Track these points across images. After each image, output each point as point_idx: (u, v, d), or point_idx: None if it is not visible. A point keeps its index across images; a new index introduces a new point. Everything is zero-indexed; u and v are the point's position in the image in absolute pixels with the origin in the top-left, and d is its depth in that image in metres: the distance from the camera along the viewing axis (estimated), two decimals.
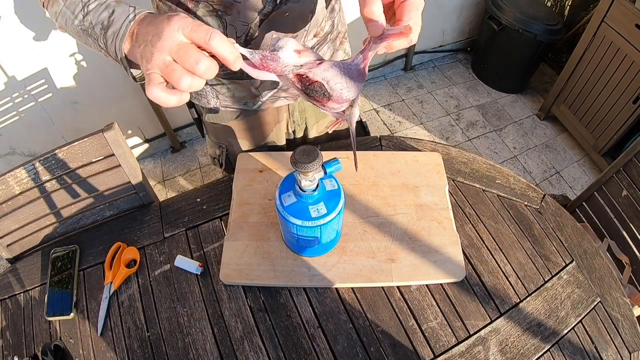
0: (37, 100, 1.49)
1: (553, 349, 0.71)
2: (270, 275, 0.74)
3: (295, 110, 0.89)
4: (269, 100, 0.81)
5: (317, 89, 0.48)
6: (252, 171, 0.88)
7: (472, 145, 2.09)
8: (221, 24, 0.64)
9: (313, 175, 0.60)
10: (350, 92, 0.48)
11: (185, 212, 0.86)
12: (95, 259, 0.81)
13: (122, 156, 0.80)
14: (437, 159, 0.91)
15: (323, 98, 0.49)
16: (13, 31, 1.27)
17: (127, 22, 0.48)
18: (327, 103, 0.49)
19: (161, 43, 0.41)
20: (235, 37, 0.66)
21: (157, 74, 0.42)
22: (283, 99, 0.82)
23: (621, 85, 1.69)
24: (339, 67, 0.48)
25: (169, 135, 1.92)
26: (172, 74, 0.41)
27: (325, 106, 0.50)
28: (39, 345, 0.72)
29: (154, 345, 0.71)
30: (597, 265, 0.82)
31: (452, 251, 0.78)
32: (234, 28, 0.64)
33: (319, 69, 0.47)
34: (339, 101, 0.49)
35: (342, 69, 0.48)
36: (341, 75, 0.48)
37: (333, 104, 0.49)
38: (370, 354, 0.69)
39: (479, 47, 2.36)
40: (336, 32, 0.80)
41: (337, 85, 0.48)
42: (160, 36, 0.42)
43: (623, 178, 1.03)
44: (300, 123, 0.93)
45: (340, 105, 0.49)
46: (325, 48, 0.79)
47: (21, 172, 0.75)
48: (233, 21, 0.63)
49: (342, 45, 0.85)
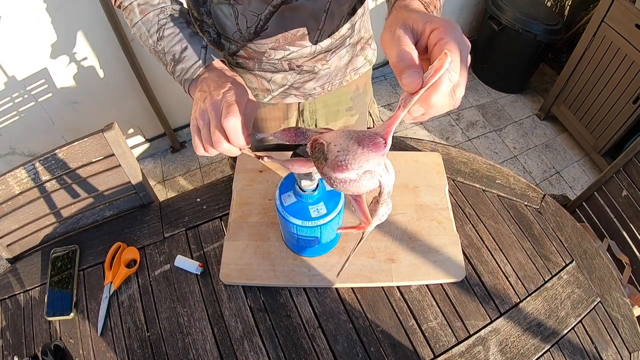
0: (37, 100, 1.49)
1: (553, 349, 0.71)
2: (270, 275, 0.74)
3: (306, 110, 0.88)
4: (279, 95, 0.81)
5: (317, 149, 0.41)
6: (252, 171, 0.88)
7: (472, 145, 2.09)
8: (233, 13, 0.64)
9: (313, 175, 0.60)
10: (348, 158, 0.37)
11: (185, 212, 0.86)
12: (95, 259, 0.81)
13: (122, 156, 0.80)
14: (437, 159, 0.91)
15: (319, 162, 0.41)
16: (13, 31, 1.27)
17: (198, 67, 0.56)
18: (323, 168, 0.40)
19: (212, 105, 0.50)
20: (246, 26, 0.66)
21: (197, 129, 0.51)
22: (293, 96, 0.82)
23: (621, 85, 1.69)
24: (351, 132, 0.40)
25: (169, 135, 1.92)
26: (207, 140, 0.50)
27: (322, 172, 0.41)
28: (39, 345, 0.72)
29: (154, 345, 0.71)
30: (597, 265, 0.82)
31: (452, 251, 0.78)
32: (244, 18, 0.65)
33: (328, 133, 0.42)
34: (335, 167, 0.38)
35: (352, 134, 0.39)
36: (345, 138, 0.39)
37: (329, 171, 0.39)
38: (370, 354, 0.69)
39: (479, 47, 2.36)
40: (357, 36, 0.79)
41: (336, 146, 0.39)
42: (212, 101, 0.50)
43: (623, 178, 1.03)
44: (310, 123, 0.92)
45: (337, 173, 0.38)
46: (343, 51, 0.78)
47: (21, 172, 0.75)
48: (244, 11, 0.64)
49: (364, 51, 0.83)
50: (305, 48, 0.71)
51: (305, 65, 0.75)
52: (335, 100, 0.88)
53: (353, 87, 0.89)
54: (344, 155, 0.38)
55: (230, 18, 0.65)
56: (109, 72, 1.56)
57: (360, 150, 0.37)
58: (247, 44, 0.69)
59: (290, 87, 0.79)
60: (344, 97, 0.89)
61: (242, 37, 0.68)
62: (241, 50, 0.71)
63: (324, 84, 0.81)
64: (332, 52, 0.75)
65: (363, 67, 0.85)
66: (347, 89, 0.88)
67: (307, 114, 0.89)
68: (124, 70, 1.56)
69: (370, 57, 0.86)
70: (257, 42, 0.69)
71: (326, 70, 0.78)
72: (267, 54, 0.71)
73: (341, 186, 0.39)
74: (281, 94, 0.81)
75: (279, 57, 0.72)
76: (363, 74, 0.88)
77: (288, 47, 0.70)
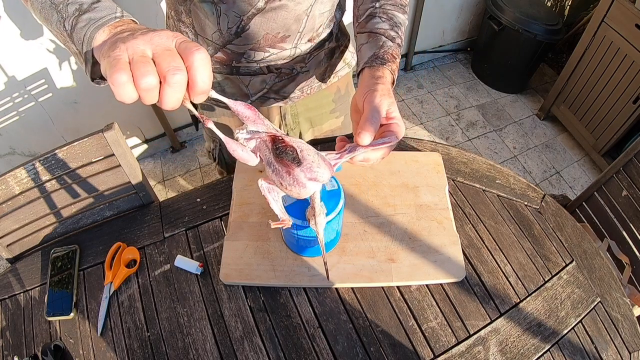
0: (37, 100, 1.49)
1: (553, 349, 0.71)
2: (270, 275, 0.74)
3: (288, 114, 0.88)
4: (258, 100, 0.81)
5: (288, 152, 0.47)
6: (252, 171, 0.88)
7: (472, 145, 2.09)
8: (215, 12, 0.63)
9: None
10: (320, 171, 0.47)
11: (185, 212, 0.86)
12: (95, 259, 0.81)
13: (122, 156, 0.80)
14: (437, 159, 0.91)
15: (292, 163, 0.47)
16: (13, 31, 1.27)
17: (113, 17, 0.43)
18: (294, 170, 0.47)
19: (149, 36, 0.37)
20: (227, 27, 0.65)
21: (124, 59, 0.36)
22: (273, 99, 0.82)
23: (621, 85, 1.69)
24: (316, 149, 0.49)
25: (169, 135, 1.92)
26: (141, 66, 0.35)
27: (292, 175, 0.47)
28: (39, 345, 0.72)
29: (154, 345, 0.71)
30: (597, 265, 0.82)
31: (452, 251, 0.78)
32: (226, 17, 0.64)
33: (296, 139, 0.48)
34: (306, 173, 0.47)
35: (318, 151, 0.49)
36: (315, 153, 0.48)
37: (300, 175, 0.47)
38: (370, 354, 0.69)
39: (479, 47, 2.36)
40: (336, 40, 0.79)
41: (309, 157, 0.47)
42: (148, 33, 0.38)
43: (623, 178, 1.03)
44: (293, 127, 0.92)
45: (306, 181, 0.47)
46: (322, 54, 0.78)
47: (21, 172, 0.75)
48: (227, 10, 0.63)
49: (342, 54, 0.84)
50: (285, 51, 0.71)
51: (284, 68, 0.75)
52: (316, 103, 0.88)
53: (334, 89, 0.89)
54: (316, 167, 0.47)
55: (212, 18, 0.65)
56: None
57: (325, 166, 0.48)
58: (227, 45, 0.69)
59: (269, 91, 0.79)
60: (326, 99, 0.89)
61: (222, 38, 0.67)
62: (219, 52, 0.71)
63: (303, 87, 0.81)
64: (311, 55, 0.75)
65: (342, 69, 0.86)
66: (328, 92, 0.88)
67: (289, 118, 0.89)
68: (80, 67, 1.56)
69: (349, 60, 0.86)
70: (237, 43, 0.68)
71: (305, 73, 0.78)
72: (246, 55, 0.71)
73: (295, 189, 0.48)
74: (260, 98, 0.80)
75: (258, 59, 0.71)
76: (343, 76, 0.88)
77: (268, 48, 0.70)
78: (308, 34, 0.71)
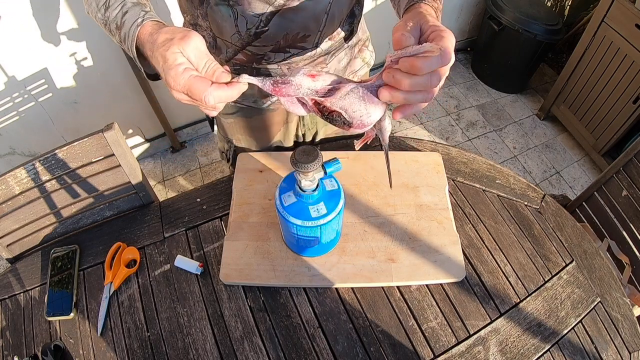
0: (37, 100, 1.49)
1: (553, 349, 0.71)
2: (270, 275, 0.74)
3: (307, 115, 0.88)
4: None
5: (336, 118, 0.47)
6: (252, 171, 0.88)
7: (472, 145, 2.09)
8: (232, 14, 0.63)
9: (313, 175, 0.60)
10: (371, 117, 0.46)
11: (185, 212, 0.86)
12: (95, 259, 0.81)
13: (122, 156, 0.80)
14: (437, 159, 0.91)
15: (344, 126, 0.48)
16: (13, 31, 1.27)
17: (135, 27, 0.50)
18: (350, 130, 0.48)
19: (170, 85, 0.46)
20: (246, 28, 0.65)
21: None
22: None
23: (621, 85, 1.69)
24: (358, 91, 0.45)
25: (169, 135, 1.92)
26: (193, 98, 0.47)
27: (350, 132, 0.49)
28: (39, 345, 0.72)
29: (154, 345, 0.71)
30: (597, 265, 0.82)
31: (452, 251, 0.78)
32: (244, 19, 0.63)
33: (335, 98, 0.46)
34: (360, 127, 0.48)
35: (361, 94, 0.45)
36: (360, 101, 0.46)
37: (356, 130, 0.48)
38: (370, 354, 0.69)
39: (479, 47, 2.36)
40: (355, 38, 0.78)
41: (355, 112, 0.46)
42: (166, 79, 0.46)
43: (623, 178, 1.03)
44: (310, 127, 0.92)
45: (363, 129, 0.49)
46: (342, 54, 0.77)
47: (21, 172, 0.75)
48: (244, 12, 0.62)
49: (362, 53, 0.83)
50: (305, 51, 0.70)
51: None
52: None
53: None
54: (367, 117, 0.46)
55: (229, 20, 0.64)
56: (109, 72, 1.55)
57: (374, 107, 0.46)
58: (246, 47, 0.68)
59: None
60: None
61: (242, 40, 0.67)
62: (239, 54, 0.70)
63: None
64: (331, 54, 0.75)
65: (361, 69, 0.85)
66: None
67: (307, 118, 0.89)
68: (124, 70, 1.56)
69: (368, 59, 0.86)
70: (257, 44, 0.68)
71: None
72: (266, 57, 0.70)
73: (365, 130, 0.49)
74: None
75: (278, 60, 0.71)
76: (361, 77, 0.87)
77: (288, 49, 0.69)
78: (328, 32, 0.70)
